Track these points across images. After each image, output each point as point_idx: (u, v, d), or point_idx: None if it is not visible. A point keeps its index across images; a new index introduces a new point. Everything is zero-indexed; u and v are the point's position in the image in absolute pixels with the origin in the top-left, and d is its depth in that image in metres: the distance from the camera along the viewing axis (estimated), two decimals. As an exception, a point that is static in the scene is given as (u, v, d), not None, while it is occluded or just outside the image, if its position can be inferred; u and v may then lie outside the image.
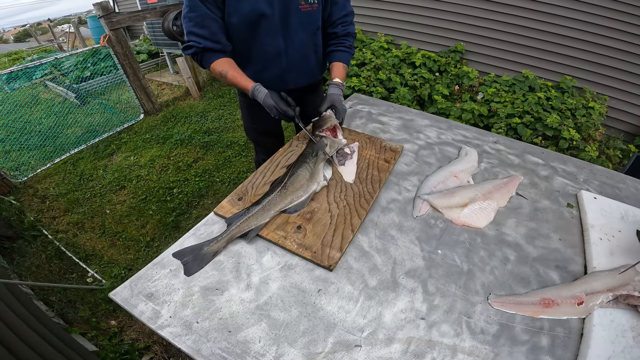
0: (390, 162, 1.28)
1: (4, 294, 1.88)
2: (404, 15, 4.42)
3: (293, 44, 1.41)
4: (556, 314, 0.82)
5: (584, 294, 0.84)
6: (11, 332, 1.56)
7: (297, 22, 1.36)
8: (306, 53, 1.48)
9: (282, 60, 1.44)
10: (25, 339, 1.58)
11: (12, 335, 1.54)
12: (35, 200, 3.19)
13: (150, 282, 0.86)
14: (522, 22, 3.81)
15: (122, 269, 2.37)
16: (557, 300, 0.84)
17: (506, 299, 0.84)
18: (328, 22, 1.47)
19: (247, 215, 0.99)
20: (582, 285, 0.87)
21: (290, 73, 1.50)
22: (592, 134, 3.37)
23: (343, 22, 1.47)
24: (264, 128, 1.76)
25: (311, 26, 1.42)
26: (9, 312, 1.70)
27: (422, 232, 1.02)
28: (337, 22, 1.46)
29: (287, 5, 1.30)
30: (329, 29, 1.49)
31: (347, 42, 1.50)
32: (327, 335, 0.76)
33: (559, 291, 0.86)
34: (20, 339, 1.55)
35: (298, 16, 1.34)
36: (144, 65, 6.38)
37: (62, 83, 5.25)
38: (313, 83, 1.66)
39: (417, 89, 3.94)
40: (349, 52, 1.52)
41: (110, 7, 3.82)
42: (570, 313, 0.82)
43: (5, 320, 1.62)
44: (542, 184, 1.26)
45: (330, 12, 1.44)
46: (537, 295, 0.85)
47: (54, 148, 3.87)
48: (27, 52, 11.10)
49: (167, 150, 3.71)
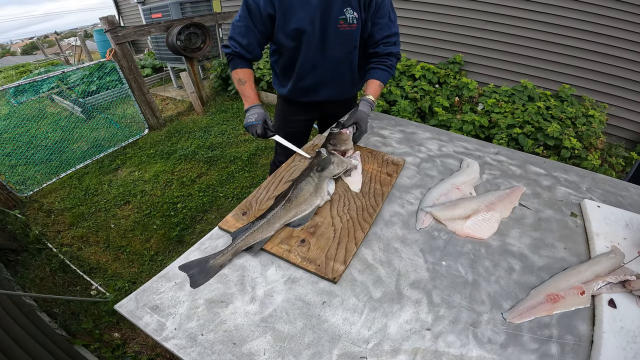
0: (393, 175, 1.30)
1: (8, 305, 1.89)
2: (403, 28, 4.46)
3: (328, 59, 1.53)
4: (565, 306, 0.84)
5: (581, 283, 0.88)
6: (14, 342, 1.56)
7: (334, 40, 1.46)
8: (340, 69, 1.57)
9: (317, 73, 1.58)
10: (28, 350, 1.58)
11: (15, 346, 1.55)
12: (41, 214, 3.22)
13: (155, 294, 0.87)
14: (518, 32, 3.87)
15: (126, 282, 2.38)
16: (561, 294, 0.86)
17: (519, 310, 0.84)
18: (370, 42, 1.52)
19: (252, 228, 1.00)
20: (577, 274, 0.90)
21: (323, 86, 1.63)
22: (594, 143, 3.38)
23: (385, 43, 1.50)
24: (292, 132, 1.87)
25: (348, 45, 1.50)
26: (13, 323, 1.71)
27: (426, 244, 1.03)
28: (379, 42, 1.50)
29: (327, 24, 1.40)
30: (371, 48, 1.53)
31: (387, 61, 1.53)
32: (332, 347, 0.76)
33: (557, 284, 0.89)
34: (23, 349, 1.55)
35: (336, 35, 1.44)
36: (148, 80, 6.49)
37: (69, 97, 5.32)
38: (344, 99, 1.77)
39: (418, 101, 3.98)
40: (388, 72, 1.54)
41: (116, 21, 3.90)
42: (577, 303, 0.85)
43: (8, 331, 1.62)
44: (544, 194, 1.27)
45: (371, 32, 1.48)
46: (541, 294, 0.87)
47: (60, 163, 3.91)
48: (35, 65, 11.29)
49: (171, 165, 3.74)
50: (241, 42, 1.46)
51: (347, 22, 1.41)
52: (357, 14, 1.41)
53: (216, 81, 5.52)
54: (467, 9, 4.01)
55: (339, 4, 1.38)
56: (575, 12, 3.53)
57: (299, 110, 1.82)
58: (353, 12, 1.39)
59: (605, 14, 3.42)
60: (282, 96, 1.79)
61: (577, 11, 3.52)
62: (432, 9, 4.20)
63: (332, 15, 1.39)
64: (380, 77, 1.52)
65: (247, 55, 1.49)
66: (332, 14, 1.39)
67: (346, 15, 1.39)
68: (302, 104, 1.76)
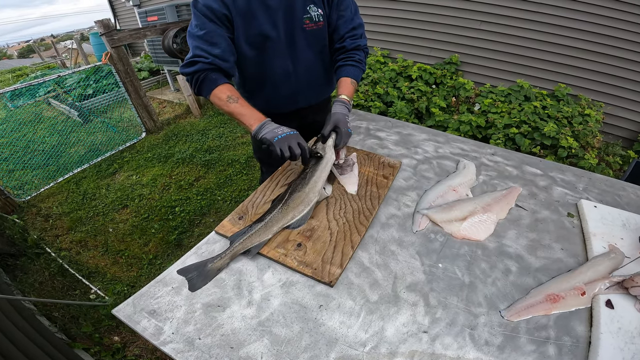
0: (389, 178, 1.30)
1: (7, 309, 1.89)
2: (399, 29, 4.51)
3: (300, 63, 1.40)
4: (565, 307, 0.84)
5: (583, 283, 0.88)
6: (14, 346, 1.56)
7: (303, 42, 1.35)
8: (315, 71, 1.47)
9: (292, 80, 1.43)
10: (28, 354, 1.58)
11: (15, 350, 1.55)
12: (39, 219, 3.21)
13: (153, 299, 0.87)
14: (514, 32, 3.88)
15: (124, 285, 2.37)
16: (562, 294, 0.86)
17: (517, 308, 0.85)
18: (336, 36, 1.40)
19: (249, 232, 1.00)
20: (578, 275, 0.90)
21: (301, 93, 1.50)
22: (591, 142, 3.39)
23: (352, 36, 1.39)
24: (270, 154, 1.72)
25: (318, 45, 1.41)
26: (12, 327, 1.71)
27: (422, 246, 1.03)
28: (345, 36, 1.38)
29: (292, 25, 1.29)
30: (337, 43, 1.41)
31: (356, 55, 1.40)
32: (329, 350, 0.76)
33: (559, 284, 0.89)
34: (23, 353, 1.55)
35: (304, 35, 1.33)
36: (145, 83, 6.48)
37: (65, 101, 5.32)
38: (320, 101, 1.64)
39: (415, 102, 3.99)
40: (358, 67, 1.41)
41: (111, 24, 3.90)
42: (577, 304, 0.85)
43: (8, 335, 1.62)
44: (541, 195, 1.27)
45: (336, 26, 1.38)
46: (541, 293, 0.87)
47: (57, 167, 3.91)
48: (31, 68, 11.28)
49: (169, 169, 3.74)
50: (211, 52, 1.19)
51: (313, 20, 1.31)
52: (322, 10, 1.31)
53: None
54: (462, 9, 4.03)
55: (301, 2, 1.27)
56: (570, 11, 3.55)
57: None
58: (317, 8, 1.29)
59: (601, 13, 3.44)
60: None
61: (573, 10, 3.53)
62: (428, 10, 4.22)
63: (295, 15, 1.28)
64: (351, 74, 1.38)
65: (224, 64, 1.22)
66: (296, 14, 1.28)
67: (311, 14, 1.29)
68: (280, 115, 1.45)
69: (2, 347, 1.52)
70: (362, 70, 1.43)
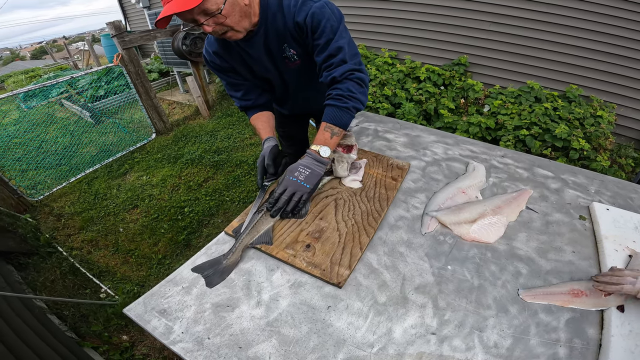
0: (398, 179, 1.30)
1: (19, 308, 1.92)
2: (407, 30, 4.50)
3: (297, 93, 1.51)
4: (584, 304, 0.85)
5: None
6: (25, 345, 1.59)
7: (291, 78, 1.40)
8: (311, 96, 1.54)
9: (297, 102, 1.59)
10: (39, 352, 1.60)
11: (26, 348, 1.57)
12: (51, 219, 3.27)
13: (163, 298, 0.88)
14: (524, 33, 3.84)
15: (134, 285, 2.40)
16: (586, 292, 0.86)
17: (536, 291, 0.86)
18: (317, 69, 1.26)
19: (253, 222, 1.05)
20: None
21: (307, 106, 1.63)
22: (603, 144, 3.34)
23: (327, 67, 1.19)
24: (287, 132, 1.95)
25: (311, 80, 1.39)
26: (24, 326, 1.74)
27: (431, 248, 1.02)
28: (321, 68, 1.22)
29: (278, 66, 1.33)
30: (320, 79, 1.26)
31: (332, 92, 1.20)
32: (336, 351, 0.76)
33: (588, 283, 0.89)
34: (33, 351, 1.58)
35: (290, 73, 1.37)
36: (155, 84, 6.56)
37: (78, 102, 5.41)
38: None
39: (423, 103, 3.97)
40: (336, 107, 1.19)
41: (122, 26, 3.94)
42: (598, 305, 0.84)
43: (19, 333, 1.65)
44: (552, 197, 1.26)
45: (315, 59, 1.23)
46: (567, 286, 0.88)
47: (70, 167, 3.97)
48: (44, 69, 11.49)
49: (178, 169, 3.78)
50: (235, 96, 1.44)
51: (291, 60, 1.29)
52: (295, 50, 1.25)
53: (222, 85, 5.56)
54: (471, 10, 4.00)
55: (276, 45, 1.24)
56: (581, 12, 3.50)
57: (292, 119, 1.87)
58: (290, 49, 1.25)
59: (612, 13, 3.39)
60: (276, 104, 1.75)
61: (584, 11, 3.49)
62: (436, 10, 4.19)
63: (277, 57, 1.29)
64: (327, 117, 1.20)
65: (247, 103, 1.44)
66: (276, 56, 1.28)
67: (287, 54, 1.27)
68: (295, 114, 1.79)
69: (14, 346, 1.55)
70: (344, 106, 1.19)
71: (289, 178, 1.11)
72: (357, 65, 1.19)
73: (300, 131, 1.99)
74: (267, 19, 1.17)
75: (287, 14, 1.16)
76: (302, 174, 1.11)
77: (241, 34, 1.12)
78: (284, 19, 1.17)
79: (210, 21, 1.02)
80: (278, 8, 1.16)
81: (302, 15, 1.13)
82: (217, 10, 0.99)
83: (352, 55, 1.19)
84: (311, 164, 1.14)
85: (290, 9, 1.15)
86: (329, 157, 1.17)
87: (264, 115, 1.46)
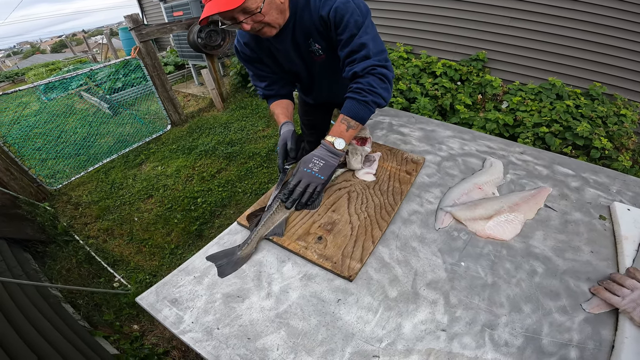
0: (412, 174, 1.27)
1: (35, 297, 1.97)
2: (423, 25, 4.41)
3: (322, 85, 1.54)
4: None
5: None
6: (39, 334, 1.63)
7: (317, 71, 1.43)
8: (335, 89, 1.55)
9: (322, 93, 1.61)
10: (52, 342, 1.64)
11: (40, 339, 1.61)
12: (69, 207, 3.35)
13: (175, 287, 0.89)
14: (546, 29, 3.72)
15: (147, 274, 2.44)
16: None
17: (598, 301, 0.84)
18: (341, 65, 1.27)
19: (269, 213, 1.04)
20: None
21: (332, 97, 1.64)
22: (625, 143, 3.22)
23: (350, 62, 1.20)
24: (310, 121, 2.02)
25: (335, 73, 1.39)
26: (39, 315, 1.78)
27: (445, 244, 1.00)
28: (344, 63, 1.22)
29: (305, 60, 1.36)
30: (343, 73, 1.27)
31: (354, 85, 1.20)
32: (345, 345, 0.75)
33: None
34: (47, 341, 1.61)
35: (316, 67, 1.40)
36: (170, 77, 6.64)
37: (96, 94, 5.52)
38: None
39: (439, 98, 3.90)
40: (355, 100, 1.18)
41: (140, 19, 3.99)
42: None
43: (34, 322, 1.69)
44: (572, 196, 1.22)
45: (339, 54, 1.24)
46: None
47: (88, 157, 4.07)
48: (64, 62, 11.75)
49: (192, 160, 3.82)
50: (259, 86, 1.49)
51: (317, 54, 1.30)
52: (320, 44, 1.26)
53: (236, 78, 5.59)
54: (491, 5, 3.89)
55: (302, 39, 1.25)
56: (606, 9, 3.37)
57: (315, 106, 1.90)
58: (315, 43, 1.26)
59: (638, 11, 3.25)
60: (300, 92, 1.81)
61: (608, 8, 3.35)
62: (454, 5, 4.10)
63: (303, 51, 1.30)
64: (345, 110, 1.20)
65: (270, 92, 1.50)
66: (303, 50, 1.30)
67: (312, 48, 1.28)
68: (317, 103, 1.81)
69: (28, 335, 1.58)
70: (364, 100, 1.18)
71: (303, 169, 1.11)
72: (381, 61, 1.17)
73: (323, 121, 2.03)
74: (295, 14, 1.19)
75: (313, 8, 1.16)
76: (316, 165, 1.11)
77: (276, 29, 1.15)
78: (310, 13, 1.18)
79: (249, 19, 1.05)
80: (306, 3, 1.17)
81: (326, 10, 1.13)
82: (257, 9, 1.03)
83: (377, 52, 1.17)
84: (325, 155, 1.13)
85: (316, 3, 1.16)
86: (343, 149, 1.16)
87: (283, 102, 1.50)
